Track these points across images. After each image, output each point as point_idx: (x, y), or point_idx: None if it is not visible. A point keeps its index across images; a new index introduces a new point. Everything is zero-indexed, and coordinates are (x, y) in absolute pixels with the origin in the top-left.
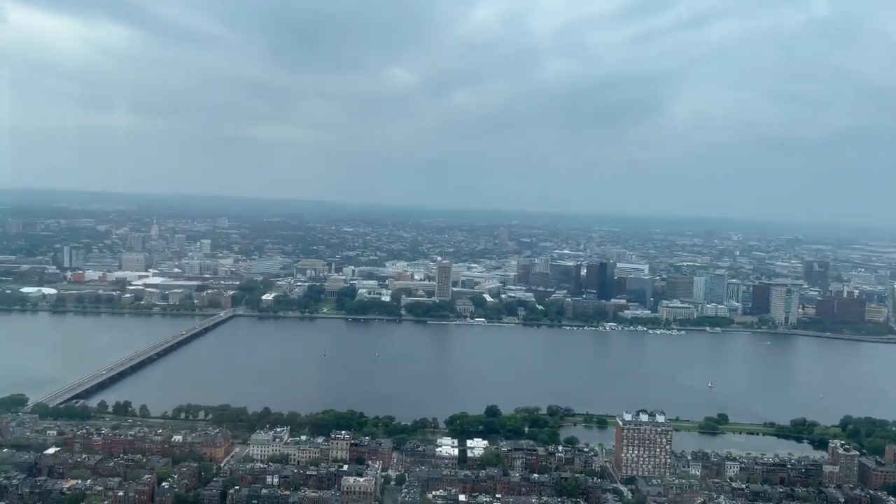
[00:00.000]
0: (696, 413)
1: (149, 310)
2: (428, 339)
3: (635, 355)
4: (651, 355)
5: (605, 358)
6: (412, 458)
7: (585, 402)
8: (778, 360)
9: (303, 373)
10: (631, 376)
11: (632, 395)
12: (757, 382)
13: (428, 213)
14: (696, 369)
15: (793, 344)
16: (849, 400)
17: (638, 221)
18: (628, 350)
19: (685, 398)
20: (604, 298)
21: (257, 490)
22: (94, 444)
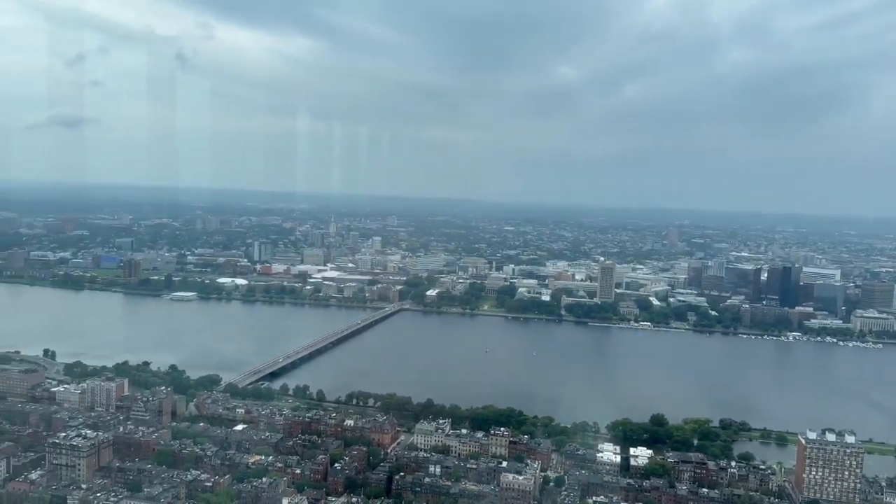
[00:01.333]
0: (893, 436)
1: (326, 301)
2: (589, 341)
3: (822, 368)
4: (841, 369)
5: (787, 370)
6: (572, 461)
7: (763, 416)
8: None
9: (463, 367)
10: (817, 391)
11: (817, 412)
12: None
13: (591, 211)
14: (892, 387)
15: None
16: None
17: (828, 222)
18: (814, 362)
19: (881, 419)
20: (787, 306)
21: (420, 478)
22: (276, 423)
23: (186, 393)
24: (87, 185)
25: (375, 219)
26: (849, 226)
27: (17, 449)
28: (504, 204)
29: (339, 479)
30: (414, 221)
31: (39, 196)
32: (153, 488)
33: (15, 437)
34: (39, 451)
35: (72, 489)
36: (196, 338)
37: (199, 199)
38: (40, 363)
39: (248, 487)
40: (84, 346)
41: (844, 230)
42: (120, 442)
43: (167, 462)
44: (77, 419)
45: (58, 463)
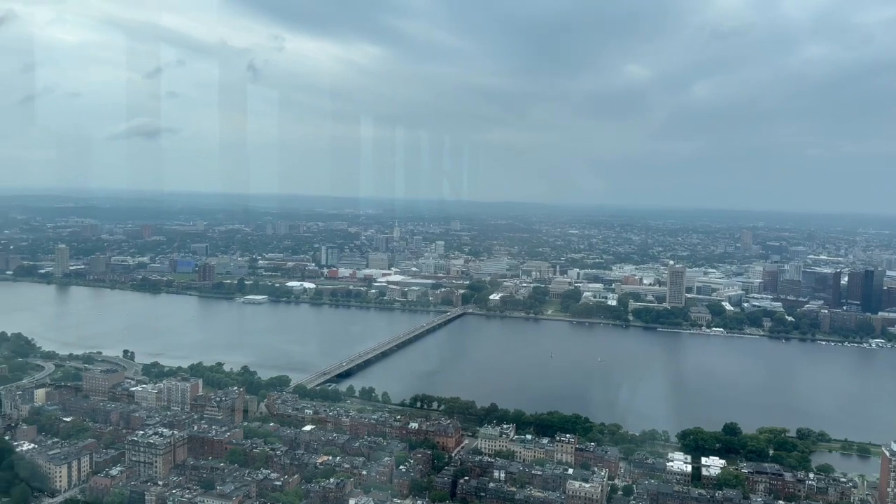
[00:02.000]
0: None
1: (390, 305)
2: (657, 346)
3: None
4: None
5: (870, 378)
6: (641, 470)
7: (844, 427)
8: None
9: (528, 372)
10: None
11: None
12: None
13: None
14: None
15: None
16: None
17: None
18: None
19: None
20: (869, 311)
21: (485, 483)
22: (343, 424)
23: (257, 393)
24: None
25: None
26: None
27: (99, 445)
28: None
29: (404, 482)
30: (477, 225)
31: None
32: (225, 486)
33: (97, 434)
34: (119, 448)
35: (149, 486)
36: (267, 340)
37: (268, 206)
38: (120, 363)
39: (316, 487)
40: (161, 347)
41: None
42: (194, 440)
43: (239, 461)
44: (154, 418)
45: (136, 460)
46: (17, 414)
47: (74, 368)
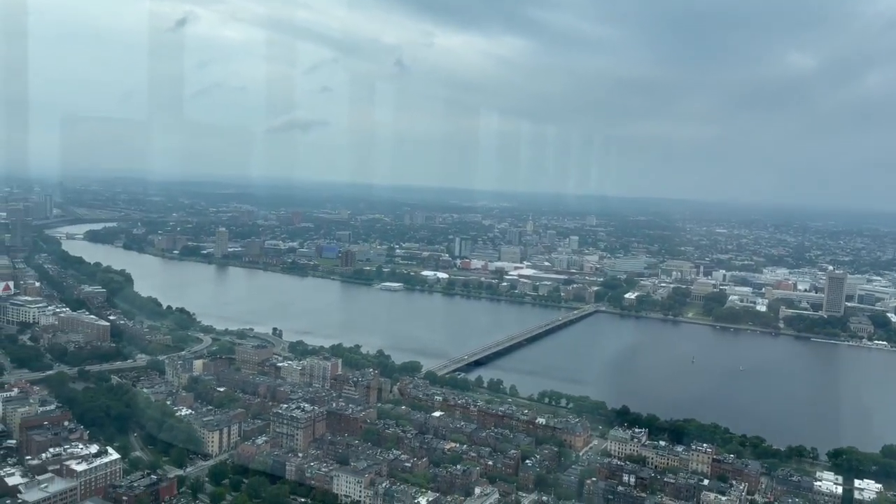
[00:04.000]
0: None
1: (521, 298)
2: (810, 357)
3: None
4: None
5: None
6: (784, 488)
7: None
8: None
9: (663, 376)
10: None
11: None
12: None
13: (820, 214)
14: None
15: None
16: None
17: None
18: None
19: None
20: None
21: (613, 486)
22: (471, 413)
23: (391, 376)
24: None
25: (574, 218)
26: None
27: (247, 416)
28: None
29: (529, 476)
30: (614, 221)
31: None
32: (359, 462)
33: (246, 404)
34: (265, 419)
35: (290, 456)
36: (401, 326)
37: (408, 197)
38: (269, 340)
39: (443, 472)
40: (306, 326)
41: None
42: (332, 416)
43: (372, 439)
44: (297, 393)
45: (279, 431)
46: (177, 381)
47: (229, 342)
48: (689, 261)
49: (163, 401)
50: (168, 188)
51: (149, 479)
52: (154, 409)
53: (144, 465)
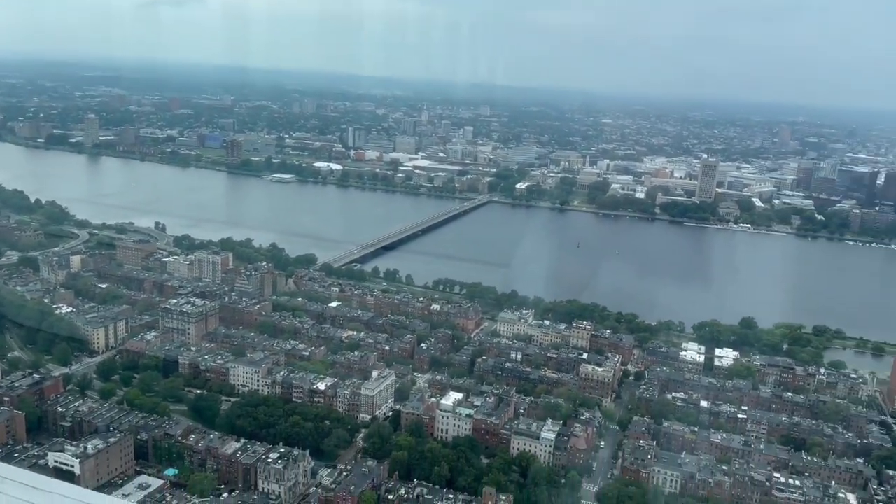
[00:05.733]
0: None
1: (416, 190)
2: (681, 241)
3: None
4: None
5: (893, 280)
6: (654, 358)
7: (861, 325)
8: None
9: (550, 261)
10: None
11: None
12: None
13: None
14: None
15: None
16: None
17: None
18: None
19: None
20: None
21: (502, 363)
22: (368, 303)
23: (285, 269)
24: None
25: (468, 108)
26: None
27: (133, 312)
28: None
29: (424, 358)
30: (507, 111)
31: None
32: (255, 354)
33: (131, 301)
34: (153, 315)
35: (182, 351)
36: (294, 218)
37: (296, 83)
38: (152, 234)
39: (341, 359)
40: (191, 220)
41: None
42: (225, 311)
43: (268, 331)
44: (186, 288)
45: (170, 326)
46: (54, 279)
47: (108, 238)
48: (576, 151)
49: (39, 299)
50: (25, 69)
51: (31, 378)
52: (30, 307)
53: (25, 364)
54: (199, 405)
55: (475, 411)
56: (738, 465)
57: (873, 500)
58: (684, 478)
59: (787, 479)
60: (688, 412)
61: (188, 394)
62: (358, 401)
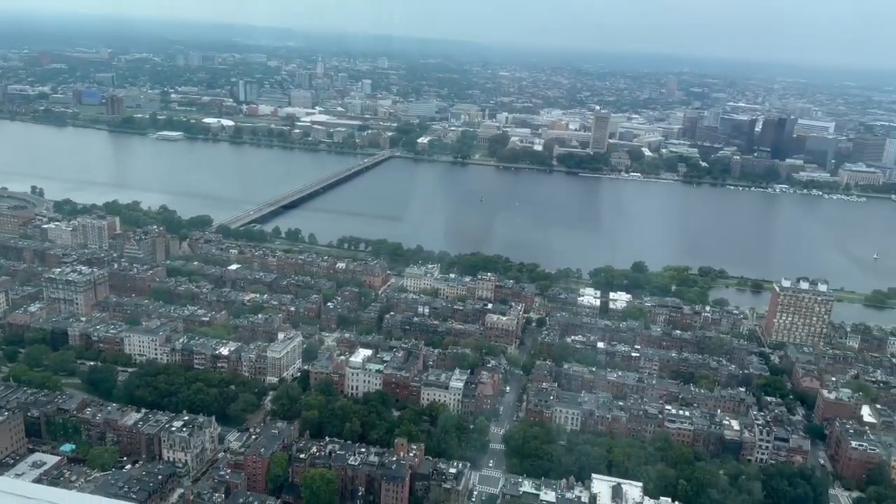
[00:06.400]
0: (864, 285)
1: (315, 146)
2: (578, 191)
3: (804, 221)
4: (822, 222)
5: (770, 221)
6: (554, 304)
7: (741, 265)
8: None
9: (454, 215)
10: (796, 242)
11: (794, 262)
12: None
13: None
14: (869, 240)
15: None
16: None
17: (829, 73)
18: (797, 215)
19: (853, 269)
20: (778, 158)
21: (410, 317)
22: (270, 264)
23: (178, 232)
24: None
25: (365, 60)
26: (849, 77)
27: (13, 283)
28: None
29: (331, 317)
30: (405, 64)
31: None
32: (151, 322)
33: (10, 271)
34: (36, 285)
35: (71, 322)
36: (186, 178)
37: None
38: (29, 200)
39: (244, 322)
40: (72, 183)
41: (844, 81)
42: (116, 278)
43: (163, 298)
44: (71, 256)
45: (55, 297)
46: None
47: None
48: (475, 104)
49: None
50: None
51: None
52: None
53: None
54: (94, 377)
55: (385, 366)
56: (633, 400)
57: (753, 425)
58: (584, 415)
59: (678, 410)
60: (586, 354)
61: (81, 366)
62: (264, 364)
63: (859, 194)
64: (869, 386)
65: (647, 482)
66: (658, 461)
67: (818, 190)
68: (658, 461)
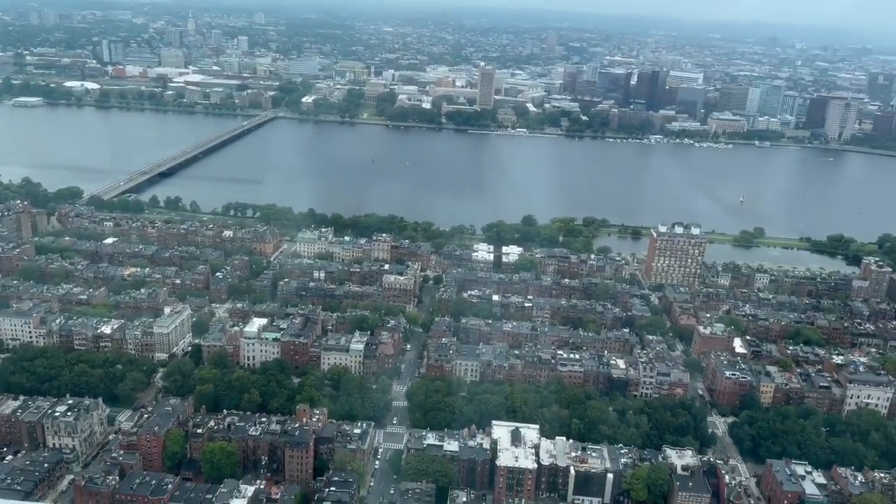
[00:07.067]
0: (732, 227)
1: (191, 108)
2: (467, 148)
3: (677, 169)
4: (693, 169)
5: (646, 171)
6: (450, 261)
7: (622, 213)
8: (823, 177)
9: (345, 177)
10: (670, 190)
11: (669, 209)
12: (797, 198)
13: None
14: (736, 184)
15: (843, 160)
16: (890, 219)
17: (697, 27)
18: (670, 164)
19: (722, 212)
20: (652, 109)
21: (305, 283)
22: (150, 235)
23: (46, 207)
24: None
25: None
26: (715, 29)
27: None
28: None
29: (221, 288)
30: (284, 19)
31: None
32: (23, 303)
33: None
34: None
35: None
36: (49, 148)
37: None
38: None
39: (126, 299)
40: None
41: (711, 34)
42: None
43: (34, 277)
44: None
45: None
46: None
47: None
48: (360, 61)
49: None
50: None
51: None
52: None
53: None
54: None
55: (282, 334)
56: (527, 348)
57: (638, 363)
58: (482, 366)
59: (569, 354)
60: (482, 307)
61: None
62: (151, 340)
63: (727, 141)
64: (739, 320)
65: (543, 424)
66: (553, 403)
67: (689, 139)
68: (553, 403)
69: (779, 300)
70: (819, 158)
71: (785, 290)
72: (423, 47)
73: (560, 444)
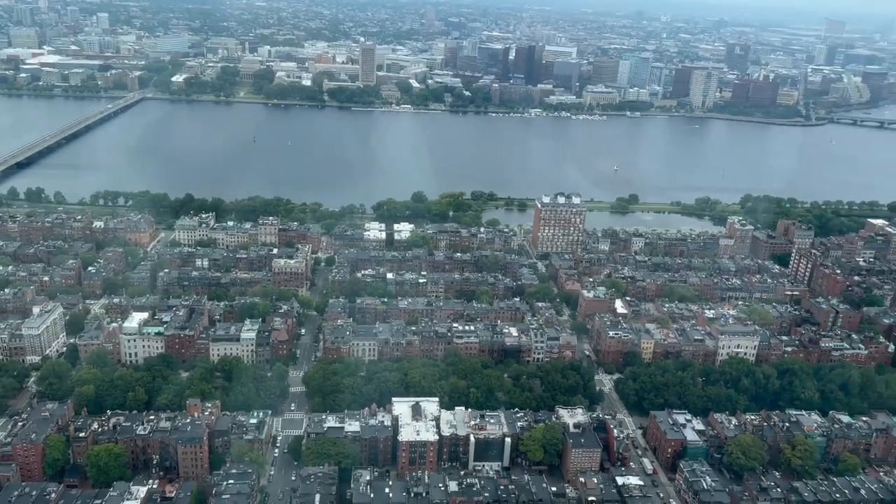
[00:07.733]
0: (609, 195)
1: (49, 91)
2: (352, 126)
3: (556, 141)
4: (571, 141)
5: (527, 144)
6: (341, 242)
7: (507, 186)
8: (689, 143)
9: (225, 159)
10: (551, 162)
11: (550, 180)
12: (667, 165)
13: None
14: (610, 154)
15: (706, 127)
16: (750, 179)
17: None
18: (549, 136)
19: (600, 181)
20: (531, 84)
21: (187, 272)
22: (11, 230)
23: None
24: None
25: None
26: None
27: None
28: None
29: (95, 282)
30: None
31: None
32: None
33: None
34: None
35: None
36: None
37: None
38: None
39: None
40: None
41: (583, 8)
42: None
43: None
44: None
45: None
46: None
47: None
48: (233, 37)
49: None
50: None
51: None
52: None
53: None
54: None
55: (165, 328)
56: (423, 323)
57: (529, 329)
58: (380, 345)
59: (464, 326)
60: (377, 286)
61: None
62: (20, 343)
63: (601, 113)
64: (619, 282)
65: (442, 396)
66: (451, 375)
67: (566, 112)
68: (451, 375)
69: (654, 261)
70: (685, 126)
71: (659, 251)
72: (299, 22)
73: (459, 414)
